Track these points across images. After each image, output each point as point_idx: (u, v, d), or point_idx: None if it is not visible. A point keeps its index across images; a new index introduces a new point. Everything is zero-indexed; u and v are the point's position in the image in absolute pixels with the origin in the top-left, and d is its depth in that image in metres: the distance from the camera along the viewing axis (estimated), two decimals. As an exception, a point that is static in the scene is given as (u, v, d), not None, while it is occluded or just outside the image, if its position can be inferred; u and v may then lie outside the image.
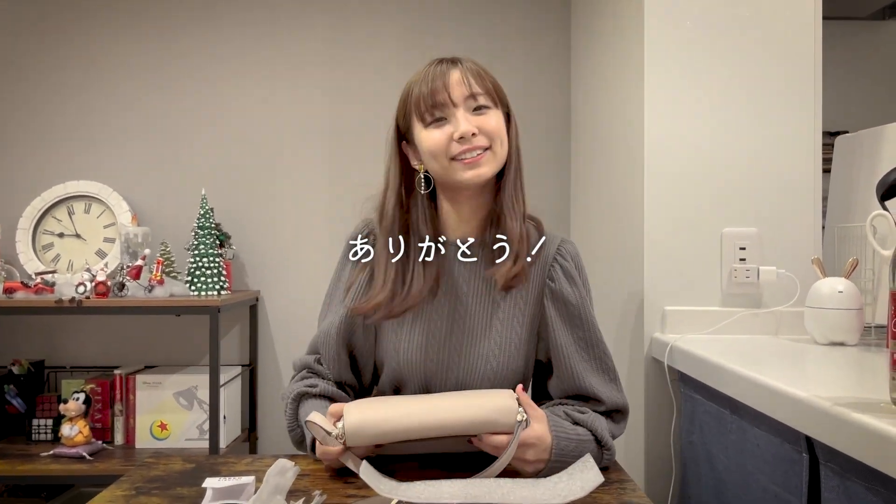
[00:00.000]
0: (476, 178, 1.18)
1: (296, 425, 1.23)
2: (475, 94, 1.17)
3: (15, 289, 2.10)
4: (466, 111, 1.17)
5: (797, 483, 1.05)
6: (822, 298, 1.43)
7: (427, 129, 1.19)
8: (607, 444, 1.16)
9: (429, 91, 1.17)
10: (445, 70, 1.18)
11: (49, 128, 2.50)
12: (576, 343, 1.22)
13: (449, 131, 1.17)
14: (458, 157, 1.17)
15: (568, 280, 1.24)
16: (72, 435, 2.12)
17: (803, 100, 1.62)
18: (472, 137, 1.16)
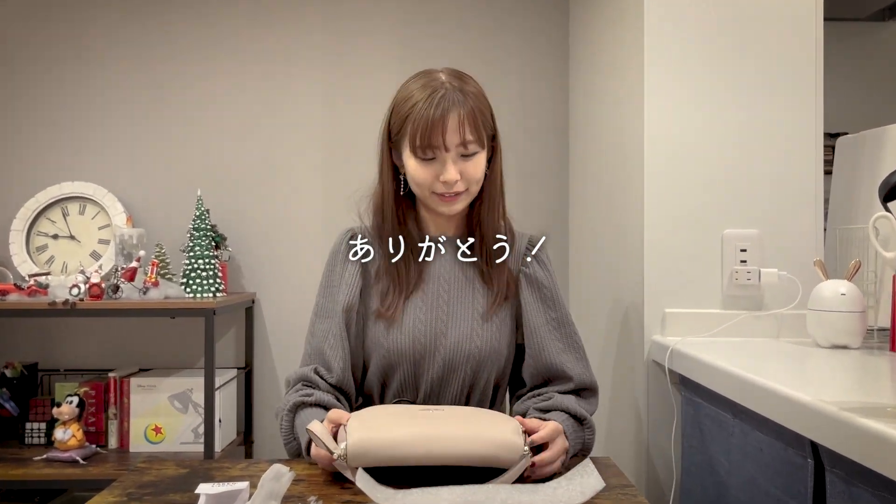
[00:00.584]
0: (450, 212, 1.32)
1: (292, 438, 1.25)
2: (467, 142, 1.25)
3: (8, 291, 2.08)
4: (456, 157, 1.26)
5: (802, 489, 1.04)
6: (824, 301, 1.41)
7: (416, 160, 1.27)
8: (584, 418, 1.26)
9: (427, 131, 1.24)
10: (445, 112, 1.24)
11: (43, 128, 2.47)
12: (548, 323, 1.34)
13: (435, 172, 1.26)
14: (438, 193, 1.28)
15: (540, 266, 1.38)
16: (65, 439, 2.09)
17: (804, 100, 1.60)
18: (454, 183, 1.26)
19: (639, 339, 1.64)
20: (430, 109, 1.23)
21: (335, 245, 1.40)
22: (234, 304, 2.23)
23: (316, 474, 1.14)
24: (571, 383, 1.31)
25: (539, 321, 1.34)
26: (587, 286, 2.20)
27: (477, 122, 1.26)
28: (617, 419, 1.84)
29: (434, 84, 1.26)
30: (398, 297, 1.32)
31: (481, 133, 1.27)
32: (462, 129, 1.24)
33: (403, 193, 1.36)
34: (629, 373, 1.72)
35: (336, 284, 1.35)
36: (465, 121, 1.24)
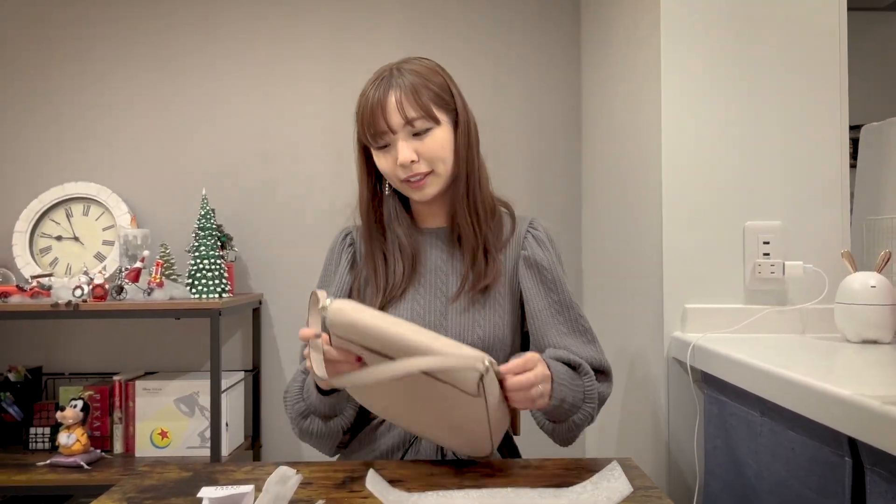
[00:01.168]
0: (423, 198, 1.28)
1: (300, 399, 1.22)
2: (411, 119, 1.22)
3: (10, 293, 2.04)
4: (406, 137, 1.23)
5: (838, 489, 0.98)
6: (853, 294, 1.35)
7: (376, 151, 1.28)
8: (578, 364, 1.19)
9: (369, 117, 1.24)
10: (382, 95, 1.23)
11: (46, 128, 2.44)
12: (550, 307, 1.27)
13: (393, 157, 1.25)
14: (405, 180, 1.25)
15: (540, 246, 1.32)
16: (69, 444, 2.05)
17: (828, 88, 1.54)
18: (413, 164, 1.23)
19: (658, 335, 1.58)
20: (370, 97, 1.24)
21: (332, 243, 1.41)
22: (240, 305, 2.19)
23: (324, 478, 1.09)
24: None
25: (540, 305, 1.28)
26: (602, 282, 2.14)
27: (419, 97, 1.22)
28: (635, 419, 1.78)
29: (380, 72, 1.27)
30: (387, 295, 1.29)
31: (428, 107, 1.23)
32: (401, 107, 1.22)
33: (389, 192, 1.35)
34: (648, 371, 1.66)
35: (328, 283, 1.35)
36: (402, 98, 1.22)
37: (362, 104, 1.26)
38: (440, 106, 1.25)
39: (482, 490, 0.93)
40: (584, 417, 1.19)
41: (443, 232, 1.35)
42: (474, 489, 0.94)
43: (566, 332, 1.26)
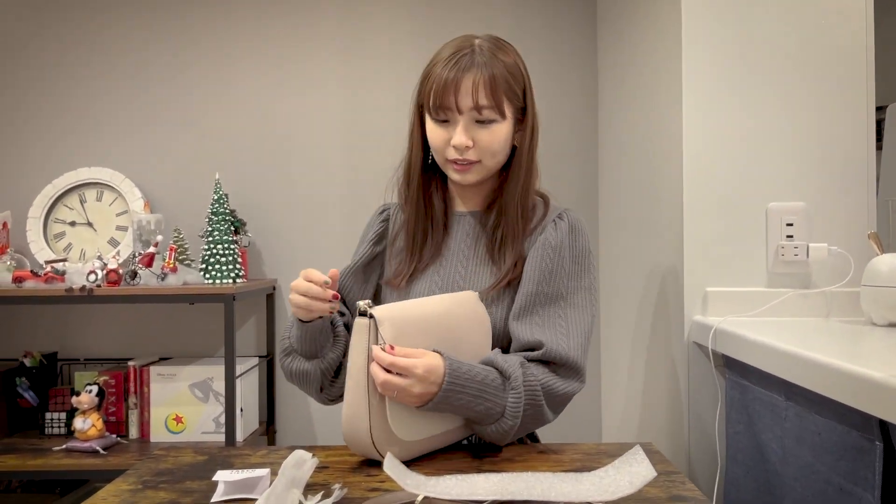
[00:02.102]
0: (463, 182, 1.25)
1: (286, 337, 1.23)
2: (480, 107, 1.18)
3: (24, 278, 2.03)
4: (469, 121, 1.20)
5: (868, 474, 0.95)
6: (880, 276, 1.32)
7: (433, 122, 1.23)
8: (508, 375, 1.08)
9: (440, 90, 1.19)
10: (461, 72, 1.18)
11: (60, 114, 2.43)
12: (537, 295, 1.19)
13: (448, 135, 1.21)
14: (451, 160, 1.22)
15: (557, 233, 1.24)
16: (85, 429, 2.05)
17: (854, 67, 1.50)
18: (465, 150, 1.20)
19: (678, 319, 1.56)
20: (448, 68, 1.19)
21: (370, 219, 1.42)
22: (254, 290, 2.18)
23: (341, 461, 1.08)
24: (538, 352, 1.14)
25: (529, 290, 1.20)
26: (619, 266, 2.11)
27: (496, 88, 1.19)
28: (655, 404, 1.76)
29: (463, 45, 1.21)
30: (409, 267, 1.29)
31: (500, 101, 1.19)
32: (476, 92, 1.18)
33: (430, 163, 1.31)
34: (668, 355, 1.64)
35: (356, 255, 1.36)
36: (480, 84, 1.18)
37: (436, 73, 1.20)
38: (511, 101, 1.22)
39: (501, 474, 0.91)
40: (504, 431, 1.08)
41: (472, 217, 1.32)
42: (493, 473, 0.92)
43: (540, 324, 1.17)
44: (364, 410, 1.01)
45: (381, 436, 1.02)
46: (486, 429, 1.10)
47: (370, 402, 1.02)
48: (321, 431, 2.43)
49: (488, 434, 1.10)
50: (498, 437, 1.10)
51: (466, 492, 0.85)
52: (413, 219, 1.30)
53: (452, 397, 1.03)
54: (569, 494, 0.83)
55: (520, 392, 1.08)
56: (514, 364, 1.10)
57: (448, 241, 1.31)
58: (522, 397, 1.08)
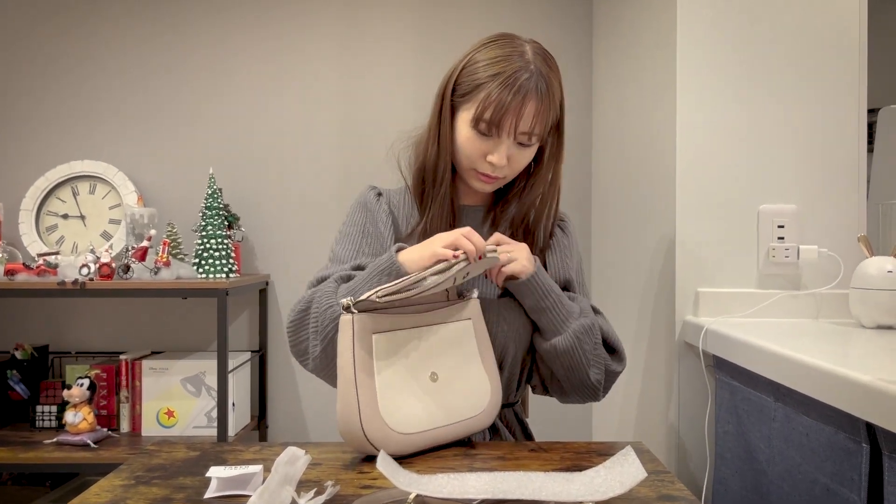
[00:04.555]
0: (482, 190, 1.26)
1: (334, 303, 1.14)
2: (532, 133, 1.18)
3: (16, 270, 2.03)
4: (512, 143, 1.18)
5: (855, 475, 0.96)
6: (869, 279, 1.33)
7: (472, 130, 1.19)
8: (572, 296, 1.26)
9: (500, 110, 1.15)
10: (527, 96, 1.15)
11: (53, 106, 2.42)
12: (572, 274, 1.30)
13: (486, 150, 1.19)
14: (479, 171, 1.21)
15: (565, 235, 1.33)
16: (76, 422, 2.05)
17: (847, 69, 1.52)
18: (500, 167, 1.20)
19: (669, 319, 1.57)
20: (511, 90, 1.14)
21: (361, 197, 1.33)
22: (247, 285, 2.18)
23: (333, 458, 1.08)
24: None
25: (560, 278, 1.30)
26: (612, 266, 2.12)
27: (549, 114, 1.19)
28: (646, 403, 1.77)
29: (520, 60, 1.16)
30: None
31: (545, 129, 1.21)
32: (535, 119, 1.16)
33: None
34: (659, 355, 1.65)
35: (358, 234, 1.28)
36: (540, 112, 1.16)
37: (496, 89, 1.14)
38: (552, 127, 1.24)
39: (493, 473, 0.92)
40: (587, 327, 1.19)
41: (479, 211, 1.32)
42: (485, 472, 0.93)
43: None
44: (354, 404, 1.02)
45: (374, 428, 1.03)
46: (569, 330, 1.18)
47: (359, 397, 1.03)
48: (312, 426, 2.44)
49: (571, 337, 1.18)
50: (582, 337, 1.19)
51: (458, 490, 0.86)
52: (437, 220, 1.25)
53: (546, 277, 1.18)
54: (559, 494, 0.84)
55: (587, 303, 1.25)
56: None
57: None
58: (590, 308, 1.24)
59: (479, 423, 1.14)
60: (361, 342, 1.04)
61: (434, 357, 1.12)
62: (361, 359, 1.04)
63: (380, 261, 1.13)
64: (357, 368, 1.03)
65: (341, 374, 1.04)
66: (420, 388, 1.09)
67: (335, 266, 1.24)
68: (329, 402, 2.40)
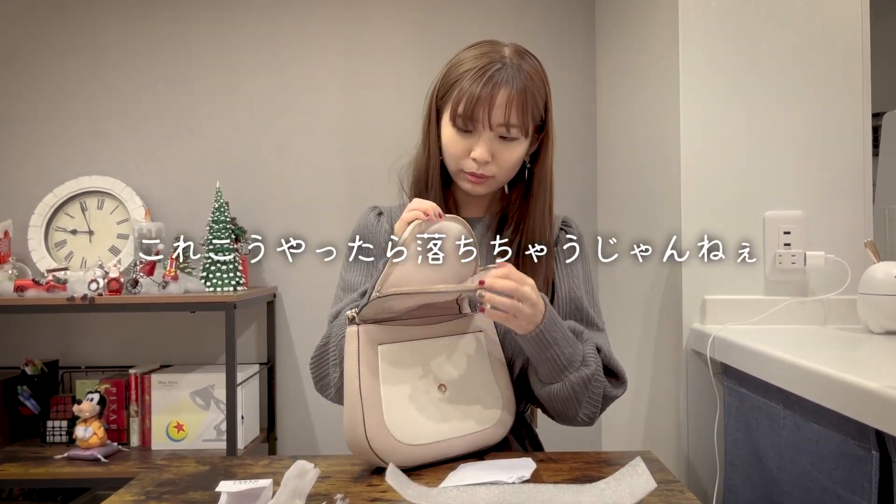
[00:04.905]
0: (473, 193, 1.25)
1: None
2: (510, 125, 1.18)
3: (26, 287, 2.04)
4: (493, 136, 1.19)
5: (865, 483, 0.96)
6: (877, 284, 1.33)
7: (452, 129, 1.21)
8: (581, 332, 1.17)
9: (471, 102, 1.16)
10: (495, 87, 1.16)
11: (60, 123, 2.44)
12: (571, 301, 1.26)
13: (469, 146, 1.20)
14: (466, 171, 1.21)
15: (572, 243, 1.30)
16: (86, 437, 2.05)
17: (850, 74, 1.52)
18: (485, 164, 1.20)
19: (676, 327, 1.57)
20: (481, 81, 1.16)
21: (361, 220, 1.35)
22: (255, 298, 2.19)
23: (342, 471, 1.09)
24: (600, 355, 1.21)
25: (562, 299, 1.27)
26: (619, 273, 2.12)
27: (526, 105, 1.18)
28: (654, 412, 1.76)
29: (492, 55, 1.19)
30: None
31: (527, 120, 1.19)
32: (509, 108, 1.16)
33: None
34: (666, 363, 1.65)
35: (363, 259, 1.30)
36: (514, 101, 1.16)
37: (465, 83, 1.17)
38: (534, 119, 1.22)
39: (503, 486, 0.92)
40: (585, 378, 1.13)
41: (480, 223, 1.31)
42: (495, 485, 0.93)
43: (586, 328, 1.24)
44: (359, 415, 1.03)
45: (379, 440, 1.03)
46: (566, 380, 1.13)
47: (364, 408, 1.03)
48: (321, 438, 2.44)
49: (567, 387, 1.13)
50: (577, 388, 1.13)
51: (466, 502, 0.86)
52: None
53: (552, 329, 1.09)
54: (569, 505, 0.84)
55: (592, 344, 1.17)
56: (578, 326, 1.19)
57: None
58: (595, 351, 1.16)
59: (489, 437, 1.14)
60: (367, 353, 1.05)
61: (443, 368, 1.12)
62: (367, 370, 1.04)
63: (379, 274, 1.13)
64: (362, 379, 1.03)
65: (347, 385, 1.05)
66: (428, 400, 1.09)
67: (346, 295, 1.25)
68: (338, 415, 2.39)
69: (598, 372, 1.15)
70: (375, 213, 1.34)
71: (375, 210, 1.35)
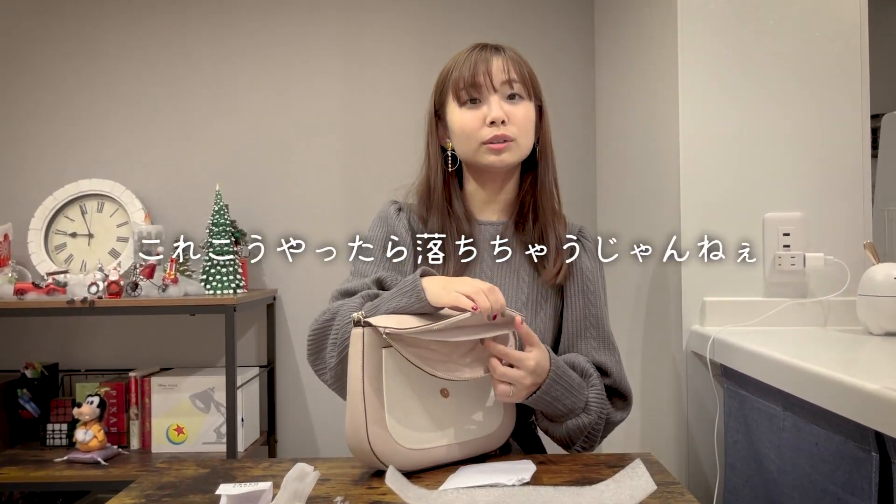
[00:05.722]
0: (500, 164, 1.25)
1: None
2: (512, 80, 1.23)
3: (26, 290, 2.04)
4: (501, 97, 1.23)
5: (865, 484, 0.96)
6: (876, 285, 1.33)
7: (461, 108, 1.25)
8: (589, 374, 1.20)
9: (470, 72, 1.23)
10: (489, 56, 1.24)
11: (59, 125, 2.44)
12: (587, 318, 1.27)
13: (482, 114, 1.23)
14: (487, 141, 1.23)
15: (588, 256, 1.31)
16: (86, 440, 2.05)
17: (849, 75, 1.52)
18: (502, 125, 1.22)
19: (676, 329, 1.57)
20: (472, 57, 1.24)
21: (382, 211, 1.34)
22: (255, 300, 2.19)
23: (342, 474, 1.09)
24: (609, 379, 1.24)
25: (578, 315, 1.28)
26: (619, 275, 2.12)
27: (522, 70, 1.25)
28: (654, 414, 1.76)
29: (476, 45, 1.28)
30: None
31: (527, 82, 1.26)
32: (507, 68, 1.23)
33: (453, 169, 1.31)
34: (666, 365, 1.65)
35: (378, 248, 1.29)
36: (508, 62, 1.24)
37: (460, 64, 1.25)
38: (534, 87, 1.28)
39: (502, 488, 0.92)
40: (581, 426, 1.17)
41: (497, 227, 1.32)
42: (495, 487, 0.93)
43: (597, 347, 1.27)
44: (361, 418, 1.03)
45: (381, 443, 1.03)
46: (563, 424, 1.17)
47: (367, 410, 1.03)
48: (322, 440, 2.44)
49: (563, 430, 1.17)
50: (572, 433, 1.17)
51: (467, 504, 0.86)
52: (439, 228, 1.28)
53: (553, 389, 1.12)
54: (569, 507, 0.84)
55: (600, 389, 1.19)
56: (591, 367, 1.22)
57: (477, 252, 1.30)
58: (603, 395, 1.19)
59: (490, 443, 1.14)
60: (371, 356, 1.04)
61: None
62: (370, 372, 1.04)
63: (405, 282, 1.12)
64: (365, 382, 1.03)
65: (350, 387, 1.05)
66: (430, 405, 1.09)
67: (357, 280, 1.25)
68: (338, 417, 2.40)
69: (598, 420, 1.19)
70: (396, 207, 1.34)
71: (396, 205, 1.35)
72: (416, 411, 1.07)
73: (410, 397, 1.08)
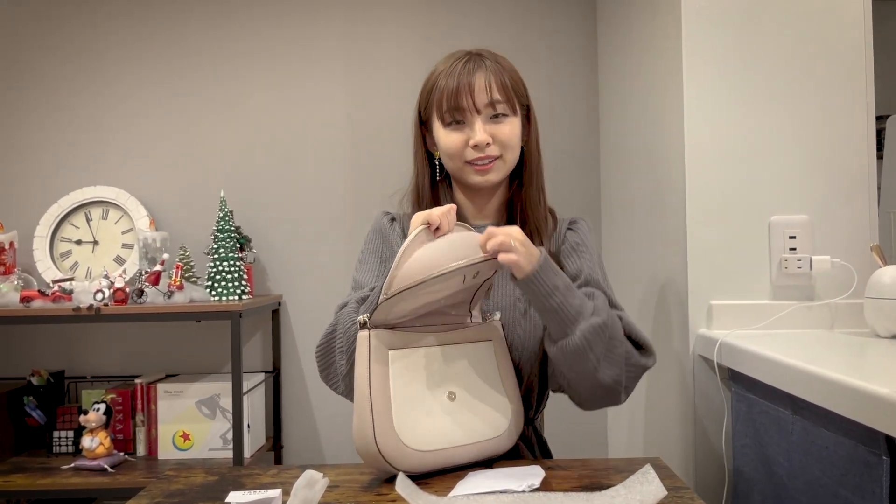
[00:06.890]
0: (485, 183, 1.26)
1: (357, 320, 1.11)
2: (495, 102, 1.22)
3: (32, 297, 2.05)
4: (484, 119, 1.23)
5: (875, 489, 0.96)
6: (884, 288, 1.32)
7: (445, 128, 1.25)
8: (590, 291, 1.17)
9: (452, 93, 1.22)
10: (471, 71, 1.22)
11: (64, 133, 2.45)
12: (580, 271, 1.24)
13: (465, 137, 1.23)
14: (471, 162, 1.24)
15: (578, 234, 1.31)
16: (93, 447, 2.05)
17: (854, 77, 1.51)
18: (486, 147, 1.22)
19: (683, 333, 1.56)
20: (455, 73, 1.22)
21: (376, 223, 1.37)
22: (260, 306, 2.19)
23: (350, 480, 1.09)
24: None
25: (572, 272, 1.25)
26: (624, 279, 2.12)
27: (505, 84, 1.23)
28: (661, 418, 1.76)
29: (458, 55, 1.26)
30: None
31: (511, 96, 1.24)
32: (489, 88, 1.22)
33: (440, 178, 1.33)
34: (673, 369, 1.64)
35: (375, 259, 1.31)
36: (491, 81, 1.22)
37: (442, 80, 1.24)
38: (519, 98, 1.27)
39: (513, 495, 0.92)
40: (595, 327, 1.09)
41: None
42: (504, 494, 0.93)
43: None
44: (369, 420, 1.03)
45: (388, 444, 1.03)
46: (576, 331, 1.08)
47: (374, 412, 1.03)
48: (327, 446, 2.44)
49: (579, 337, 1.08)
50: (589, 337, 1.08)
51: (477, 511, 0.86)
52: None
53: (549, 273, 1.07)
54: (579, 513, 0.84)
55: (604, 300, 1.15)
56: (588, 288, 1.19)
57: None
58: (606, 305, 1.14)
59: (498, 445, 1.14)
60: (377, 358, 1.05)
61: (452, 376, 1.12)
62: (377, 375, 1.04)
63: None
64: (372, 384, 1.04)
65: (357, 390, 1.05)
66: (437, 407, 1.09)
67: (356, 293, 1.26)
68: (344, 422, 2.40)
69: (612, 324, 1.12)
70: (389, 217, 1.37)
71: (389, 215, 1.37)
72: (424, 413, 1.08)
73: (417, 399, 1.08)
